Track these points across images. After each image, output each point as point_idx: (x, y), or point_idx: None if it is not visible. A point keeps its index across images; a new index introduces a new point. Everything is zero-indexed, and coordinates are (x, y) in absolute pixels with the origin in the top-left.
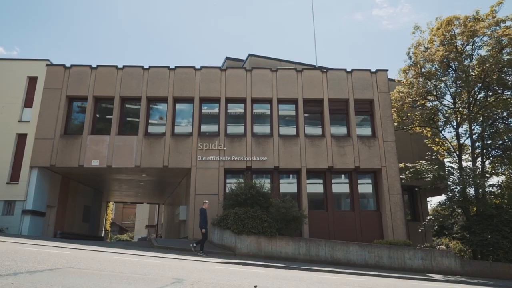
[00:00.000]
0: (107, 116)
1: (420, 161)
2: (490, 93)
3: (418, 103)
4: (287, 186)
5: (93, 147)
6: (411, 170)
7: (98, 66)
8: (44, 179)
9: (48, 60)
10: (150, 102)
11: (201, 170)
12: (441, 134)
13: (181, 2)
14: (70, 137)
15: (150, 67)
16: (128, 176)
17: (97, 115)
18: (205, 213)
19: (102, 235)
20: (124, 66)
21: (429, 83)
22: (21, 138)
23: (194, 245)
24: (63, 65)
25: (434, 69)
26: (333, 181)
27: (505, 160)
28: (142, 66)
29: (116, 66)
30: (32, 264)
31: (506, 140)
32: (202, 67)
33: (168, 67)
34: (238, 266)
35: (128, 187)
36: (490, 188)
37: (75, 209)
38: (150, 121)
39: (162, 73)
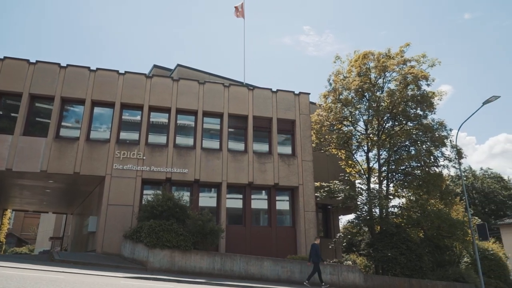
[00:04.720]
0: (12, 114)
1: (334, 181)
2: (396, 123)
3: (335, 127)
4: (207, 199)
5: None
6: (326, 189)
7: (5, 57)
8: None
9: None
10: (65, 103)
11: (117, 179)
12: (353, 157)
13: (113, 7)
14: None
15: (68, 65)
16: (31, 181)
17: (0, 112)
18: (317, 248)
19: None
20: (37, 61)
21: (345, 109)
22: None
23: (306, 282)
24: None
25: (350, 97)
26: (252, 196)
27: (405, 184)
28: (58, 64)
29: (27, 61)
30: None
31: (407, 166)
32: (126, 72)
33: (88, 68)
34: (146, 282)
35: (31, 194)
36: (392, 208)
37: None
38: (63, 124)
39: (81, 73)
